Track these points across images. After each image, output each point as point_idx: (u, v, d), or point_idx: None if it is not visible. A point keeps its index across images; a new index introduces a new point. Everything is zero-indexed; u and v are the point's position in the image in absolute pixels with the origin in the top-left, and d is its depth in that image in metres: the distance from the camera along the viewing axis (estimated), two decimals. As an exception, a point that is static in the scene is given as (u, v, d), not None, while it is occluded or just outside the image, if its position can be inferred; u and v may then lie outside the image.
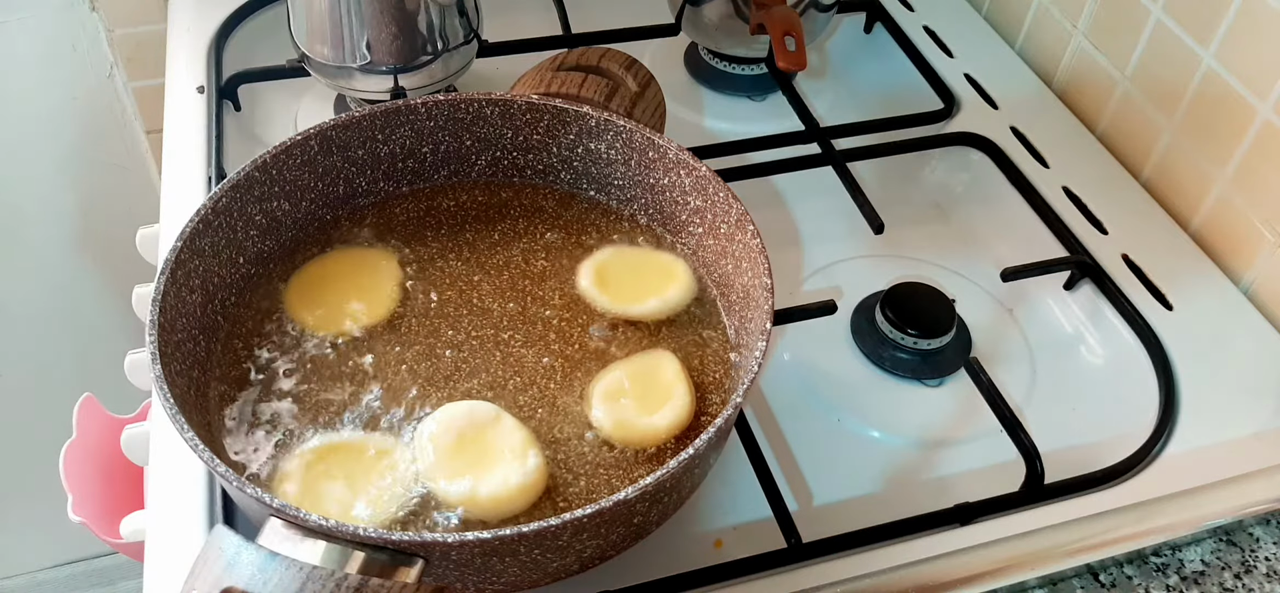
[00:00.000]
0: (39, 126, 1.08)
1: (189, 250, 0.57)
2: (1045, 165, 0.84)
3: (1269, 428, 0.66)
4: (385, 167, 0.69)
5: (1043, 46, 0.94)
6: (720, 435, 0.52)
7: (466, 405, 0.57)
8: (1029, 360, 0.71)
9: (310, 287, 0.64)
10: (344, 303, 0.63)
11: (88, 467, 0.95)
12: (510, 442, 0.56)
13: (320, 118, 0.70)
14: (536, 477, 0.55)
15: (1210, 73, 0.77)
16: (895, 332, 0.69)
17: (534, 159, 0.71)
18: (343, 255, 0.66)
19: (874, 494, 0.63)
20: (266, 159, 0.63)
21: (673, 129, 0.76)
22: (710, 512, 0.61)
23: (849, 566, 0.57)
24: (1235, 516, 0.62)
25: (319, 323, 0.62)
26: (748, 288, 0.60)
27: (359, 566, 0.45)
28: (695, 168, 0.64)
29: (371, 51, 0.76)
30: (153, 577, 0.56)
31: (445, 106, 0.68)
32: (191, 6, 0.93)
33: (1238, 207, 0.76)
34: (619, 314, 0.64)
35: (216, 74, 0.86)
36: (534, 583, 0.52)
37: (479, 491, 0.53)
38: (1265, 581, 0.60)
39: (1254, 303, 0.75)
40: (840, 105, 0.91)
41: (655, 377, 0.60)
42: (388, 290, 0.64)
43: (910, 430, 0.67)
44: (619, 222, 0.70)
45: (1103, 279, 0.74)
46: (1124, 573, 0.60)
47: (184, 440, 0.48)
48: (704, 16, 0.87)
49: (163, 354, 0.52)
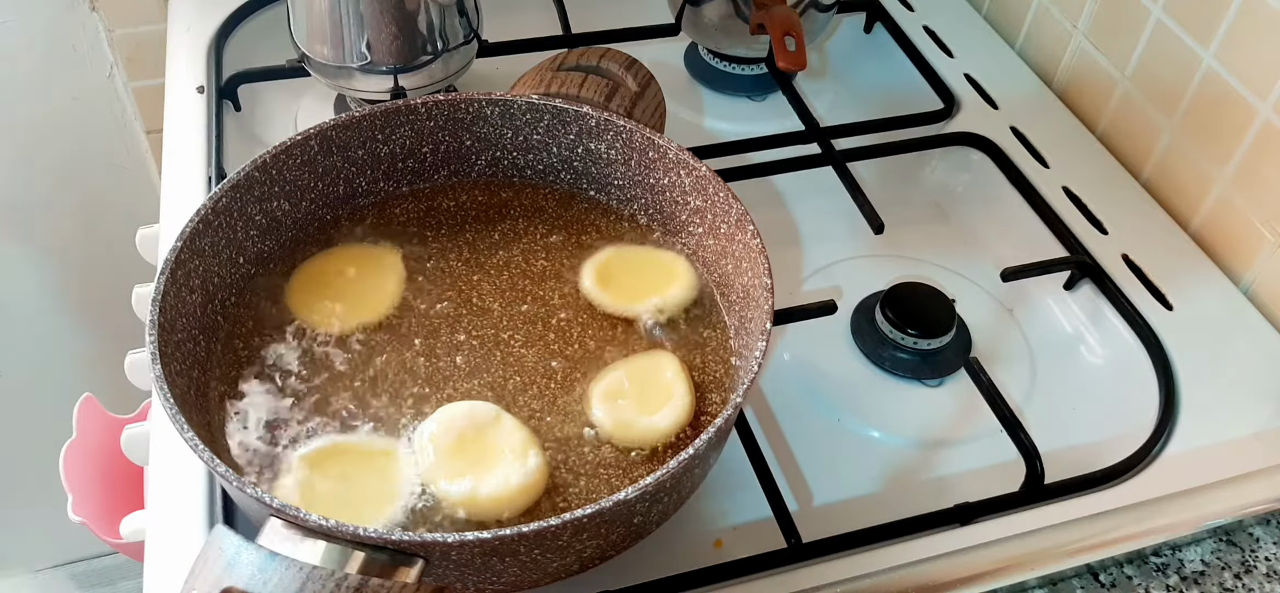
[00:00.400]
0: (39, 126, 1.08)
1: (189, 250, 0.57)
2: (1045, 165, 0.84)
3: (1269, 428, 0.66)
4: (385, 167, 0.69)
5: (1043, 46, 0.94)
6: (720, 436, 0.52)
7: (467, 406, 0.57)
8: (1029, 360, 0.71)
9: (312, 283, 0.64)
10: (345, 300, 0.63)
11: (88, 467, 0.96)
12: (511, 442, 0.56)
13: (320, 118, 0.70)
14: (537, 477, 0.55)
15: (1210, 73, 0.77)
16: (895, 332, 0.69)
17: (534, 159, 0.71)
18: (345, 252, 0.66)
19: (874, 494, 0.63)
20: (266, 159, 0.63)
21: (673, 129, 0.76)
22: (710, 512, 0.61)
23: (849, 566, 0.57)
24: (1235, 516, 0.62)
25: (321, 320, 0.62)
26: (748, 288, 0.60)
27: (359, 566, 0.45)
28: (695, 168, 0.64)
29: (371, 51, 0.76)
30: (153, 577, 0.56)
31: (445, 106, 0.68)
32: (191, 6, 0.93)
33: (1238, 207, 0.76)
34: (619, 314, 0.64)
35: (216, 74, 0.86)
36: (534, 583, 0.52)
37: (480, 491, 0.53)
38: (1265, 581, 0.60)
39: (1254, 303, 0.75)
40: (840, 105, 0.91)
41: (655, 377, 0.60)
42: (390, 288, 0.64)
43: (910, 431, 0.67)
44: (619, 222, 0.70)
45: (1103, 279, 0.74)
46: (1124, 573, 0.60)
47: (184, 440, 0.48)
48: (704, 16, 0.87)
49: (163, 354, 0.52)
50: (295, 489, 0.53)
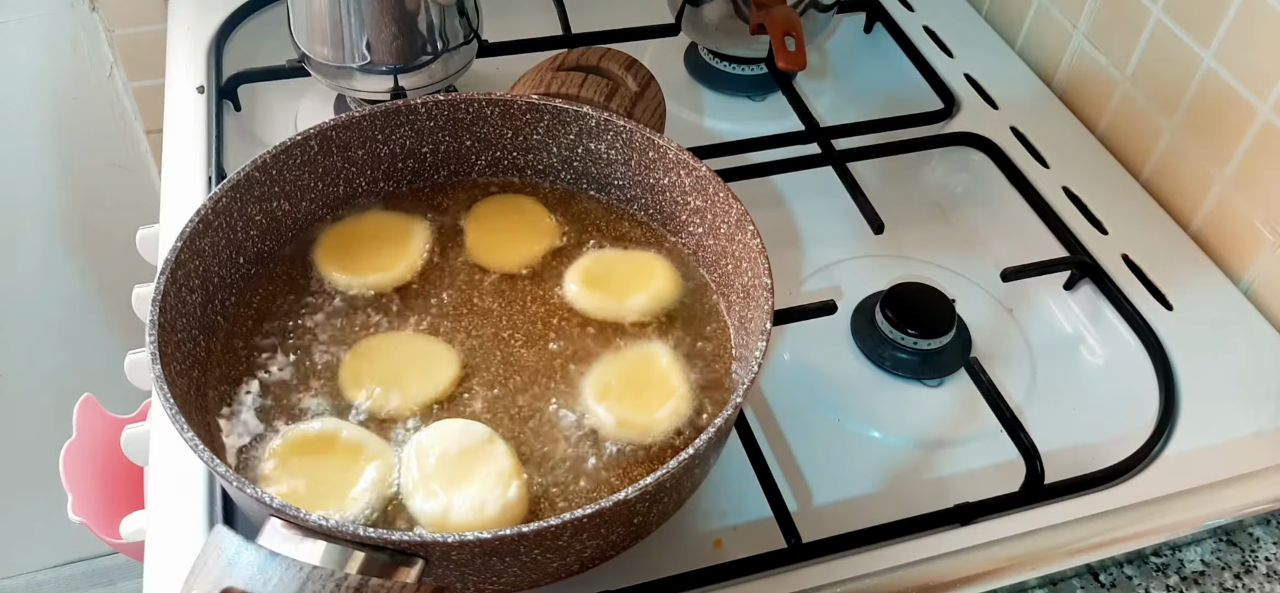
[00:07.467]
0: (39, 126, 1.08)
1: (189, 250, 0.57)
2: (1045, 165, 0.84)
3: (1269, 428, 0.66)
4: (385, 167, 0.69)
5: (1043, 46, 0.94)
6: (720, 436, 0.52)
7: (460, 424, 0.56)
8: (1029, 360, 0.71)
9: (343, 246, 0.66)
10: (375, 260, 0.65)
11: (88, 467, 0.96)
12: (497, 467, 0.54)
13: (320, 118, 0.70)
14: (515, 508, 0.53)
15: (1210, 73, 0.77)
16: (895, 332, 0.69)
17: (534, 159, 0.71)
18: (374, 219, 0.68)
19: (874, 494, 0.63)
20: (266, 159, 0.63)
21: (673, 129, 0.76)
22: (710, 512, 0.61)
23: (849, 566, 0.57)
24: (1235, 516, 0.62)
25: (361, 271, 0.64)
26: (748, 288, 0.60)
27: (359, 566, 0.45)
28: (695, 168, 0.64)
29: (371, 51, 0.77)
30: (153, 577, 0.56)
31: (445, 106, 0.68)
32: (191, 6, 0.93)
33: (1238, 207, 0.76)
34: (616, 312, 0.64)
35: (216, 74, 0.86)
36: (534, 583, 0.52)
37: (451, 514, 0.52)
38: (1265, 581, 0.60)
39: (1254, 303, 0.75)
40: (840, 105, 0.91)
41: (651, 372, 0.60)
42: (415, 249, 0.66)
43: (910, 430, 0.67)
44: (619, 222, 0.70)
45: (1103, 279, 0.74)
46: (1124, 573, 0.60)
47: (184, 441, 0.48)
48: (704, 16, 0.87)
49: (163, 354, 0.52)
50: (288, 489, 0.53)
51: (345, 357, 0.60)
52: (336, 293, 0.64)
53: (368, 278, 0.64)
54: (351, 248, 0.66)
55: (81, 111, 1.08)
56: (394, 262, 0.65)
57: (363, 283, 0.64)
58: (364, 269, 0.65)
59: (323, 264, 0.65)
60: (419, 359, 0.61)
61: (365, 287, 0.64)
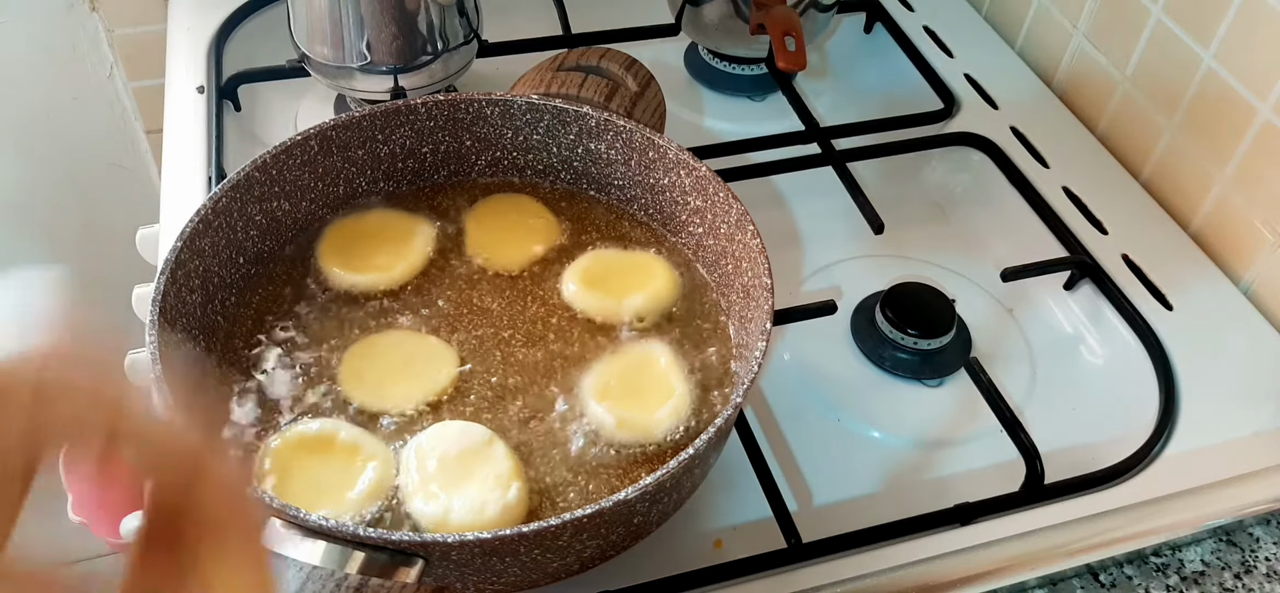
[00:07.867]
0: (39, 127, 1.08)
1: (189, 250, 0.57)
2: (1045, 165, 0.84)
3: (1269, 428, 0.66)
4: (385, 167, 0.69)
5: (1043, 46, 0.94)
6: (720, 435, 0.52)
7: (460, 426, 0.56)
8: (1029, 360, 0.71)
9: (345, 244, 0.66)
10: (375, 259, 0.65)
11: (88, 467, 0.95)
12: (497, 470, 0.54)
13: (320, 118, 0.70)
14: (514, 509, 0.53)
15: (1210, 73, 0.77)
16: (895, 332, 0.69)
17: (534, 159, 0.71)
18: (378, 217, 0.68)
19: (874, 494, 0.63)
20: (266, 159, 0.63)
21: (673, 129, 0.76)
22: (710, 512, 0.61)
23: (849, 566, 0.57)
24: (1235, 516, 0.62)
25: (362, 268, 0.64)
26: (748, 288, 0.60)
27: (359, 566, 0.45)
28: (695, 168, 0.64)
29: (371, 52, 0.77)
30: (153, 577, 0.56)
31: (445, 106, 0.68)
32: (191, 6, 0.93)
33: (1238, 206, 0.76)
34: (616, 312, 0.64)
35: (216, 74, 0.86)
36: (534, 583, 0.52)
37: (451, 515, 0.52)
38: (1265, 581, 0.60)
39: (1254, 303, 0.75)
40: (840, 105, 0.91)
41: (651, 372, 0.60)
42: (416, 249, 0.66)
43: (910, 430, 0.67)
44: (619, 222, 0.70)
45: (1103, 279, 0.74)
46: (1124, 573, 0.60)
47: (184, 440, 0.48)
48: (704, 16, 0.87)
49: (163, 354, 0.52)
50: (271, 463, 0.53)
51: (344, 356, 0.60)
52: (336, 292, 0.64)
53: (368, 277, 0.64)
54: (352, 246, 0.66)
55: (81, 112, 1.08)
56: (394, 262, 0.65)
57: (363, 282, 0.64)
58: (364, 268, 0.65)
59: (323, 261, 0.65)
60: (418, 359, 0.61)
61: (365, 286, 0.64)
